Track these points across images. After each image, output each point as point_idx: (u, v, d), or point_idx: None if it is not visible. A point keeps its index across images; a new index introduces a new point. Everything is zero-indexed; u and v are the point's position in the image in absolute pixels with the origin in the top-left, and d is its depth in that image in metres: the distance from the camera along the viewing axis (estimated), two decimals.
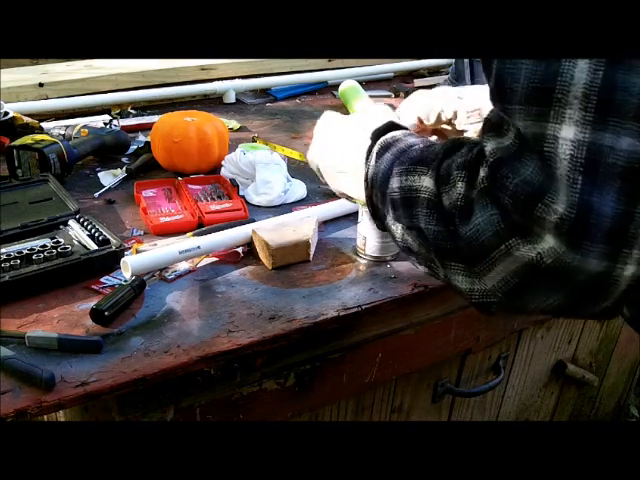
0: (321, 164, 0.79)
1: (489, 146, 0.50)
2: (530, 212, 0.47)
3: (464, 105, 0.84)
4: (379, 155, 0.65)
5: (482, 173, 0.50)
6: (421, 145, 0.62)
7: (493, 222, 0.50)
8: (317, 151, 0.80)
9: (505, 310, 0.55)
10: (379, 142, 0.67)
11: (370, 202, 0.68)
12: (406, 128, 0.71)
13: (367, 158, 0.68)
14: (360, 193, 0.70)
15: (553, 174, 0.45)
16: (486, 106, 0.82)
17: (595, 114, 0.43)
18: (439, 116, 0.85)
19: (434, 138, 0.88)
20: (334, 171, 0.76)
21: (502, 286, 0.52)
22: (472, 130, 0.84)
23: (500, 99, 0.48)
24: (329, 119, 0.82)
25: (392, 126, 0.69)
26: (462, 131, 0.85)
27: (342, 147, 0.74)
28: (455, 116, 0.85)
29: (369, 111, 0.78)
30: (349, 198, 0.77)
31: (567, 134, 0.44)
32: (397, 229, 0.62)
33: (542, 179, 0.46)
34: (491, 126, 0.50)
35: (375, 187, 0.65)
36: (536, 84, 0.45)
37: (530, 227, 0.47)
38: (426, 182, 0.56)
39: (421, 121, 0.87)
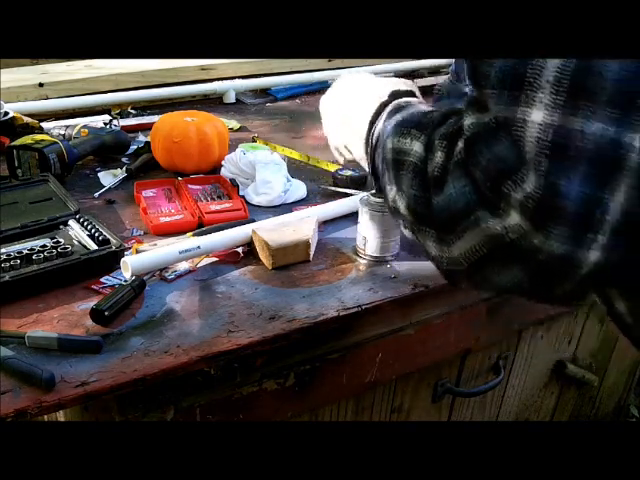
0: (329, 109, 0.82)
1: (468, 121, 0.51)
2: (499, 188, 0.48)
3: None
4: (390, 115, 0.66)
5: (460, 145, 0.52)
6: (427, 110, 0.63)
7: (465, 194, 0.51)
8: (330, 97, 0.83)
9: (470, 282, 0.57)
10: (394, 102, 0.68)
11: (371, 159, 0.68)
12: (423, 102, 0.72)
13: (378, 114, 0.68)
14: (359, 146, 0.71)
15: (523, 156, 0.46)
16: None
17: (566, 98, 0.44)
18: None
19: None
20: (339, 117, 0.79)
21: (468, 256, 0.53)
22: None
23: (476, 83, 0.49)
24: (354, 75, 0.84)
25: (411, 93, 0.72)
26: None
27: (356, 97, 0.76)
28: None
29: (392, 79, 0.80)
30: (346, 150, 0.80)
31: (536, 117, 0.45)
32: (390, 190, 0.62)
33: (514, 158, 0.46)
34: (472, 101, 0.51)
35: (379, 145, 0.65)
36: (508, 69, 0.46)
37: (498, 202, 0.48)
38: (416, 147, 0.57)
39: None
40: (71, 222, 0.94)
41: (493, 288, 0.57)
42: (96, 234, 0.90)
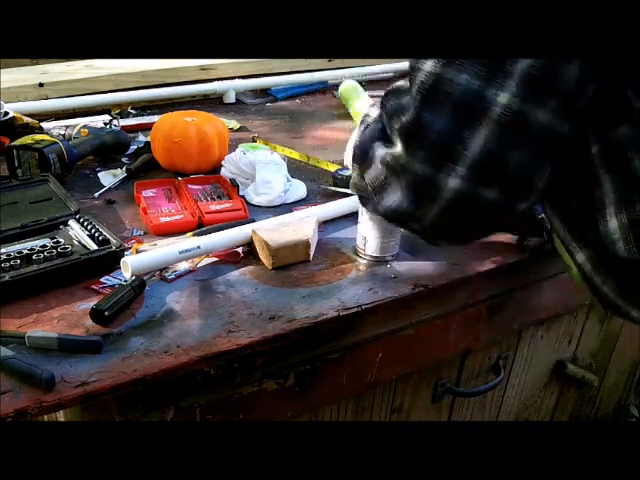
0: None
1: (395, 83, 0.65)
2: (390, 122, 0.62)
3: None
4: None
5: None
6: None
7: (374, 131, 0.67)
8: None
9: (372, 205, 0.71)
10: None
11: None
12: None
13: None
14: None
15: (410, 96, 0.59)
16: None
17: None
18: None
19: None
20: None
21: (371, 182, 0.68)
22: None
23: None
24: None
25: None
26: None
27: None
28: None
29: None
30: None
31: (426, 67, 0.57)
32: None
33: (407, 101, 0.60)
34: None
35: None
36: None
37: (391, 135, 0.63)
38: (374, 112, 0.72)
39: None
40: (71, 222, 0.94)
41: (385, 211, 0.68)
42: (96, 234, 0.90)
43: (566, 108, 0.55)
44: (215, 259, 0.92)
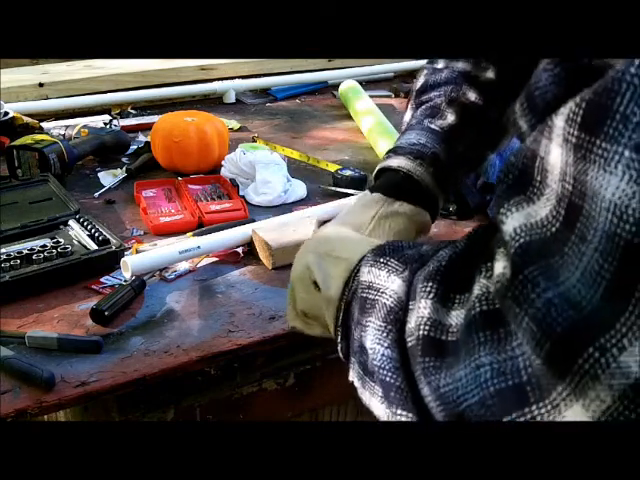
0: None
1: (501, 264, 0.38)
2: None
3: None
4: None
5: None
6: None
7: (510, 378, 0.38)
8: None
9: None
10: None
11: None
12: None
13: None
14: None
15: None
16: None
17: None
18: None
19: None
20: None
21: None
22: None
23: None
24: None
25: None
26: None
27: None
28: None
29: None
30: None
31: None
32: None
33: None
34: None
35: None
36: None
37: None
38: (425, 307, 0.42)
39: None
40: (71, 222, 0.94)
41: None
42: (96, 234, 0.90)
43: None
44: (215, 259, 0.92)
